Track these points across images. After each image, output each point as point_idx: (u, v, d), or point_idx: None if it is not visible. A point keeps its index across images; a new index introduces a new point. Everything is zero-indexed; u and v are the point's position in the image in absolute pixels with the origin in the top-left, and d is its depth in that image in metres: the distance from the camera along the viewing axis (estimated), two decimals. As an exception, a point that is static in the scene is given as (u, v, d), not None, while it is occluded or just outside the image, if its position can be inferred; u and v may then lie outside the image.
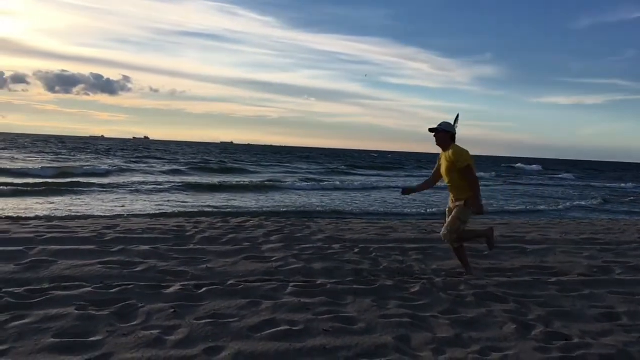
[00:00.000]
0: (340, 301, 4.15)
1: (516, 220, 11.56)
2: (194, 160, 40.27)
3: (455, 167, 5.00)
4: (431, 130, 5.20)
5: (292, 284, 4.53)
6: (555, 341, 3.55)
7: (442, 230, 5.18)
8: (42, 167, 22.98)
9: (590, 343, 3.53)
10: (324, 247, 6.34)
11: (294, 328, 3.48)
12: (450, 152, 5.07)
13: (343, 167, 42.50)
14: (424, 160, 77.67)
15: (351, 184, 23.49)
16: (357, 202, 16.25)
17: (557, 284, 5.05)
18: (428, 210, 14.21)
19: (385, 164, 56.54)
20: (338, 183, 23.51)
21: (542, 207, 17.08)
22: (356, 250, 6.24)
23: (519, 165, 68.77)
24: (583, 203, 19.77)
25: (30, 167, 22.99)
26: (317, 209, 13.59)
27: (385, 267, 5.44)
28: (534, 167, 65.35)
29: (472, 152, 5.08)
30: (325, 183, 23.08)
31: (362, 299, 4.21)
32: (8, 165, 24.37)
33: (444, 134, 5.15)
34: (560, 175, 47.77)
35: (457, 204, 5.09)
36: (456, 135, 5.18)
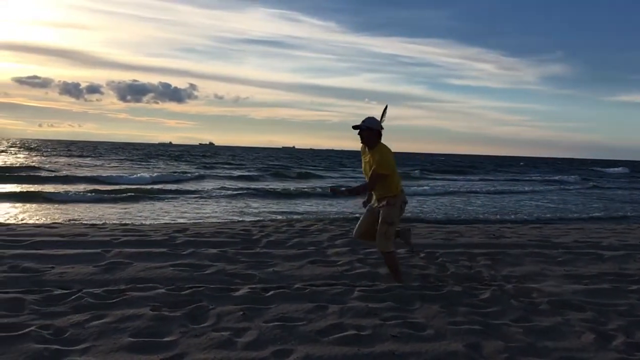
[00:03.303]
0: (407, 306, 4.09)
1: (591, 225, 11.02)
2: (262, 166, 40.96)
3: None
4: (355, 127, 4.70)
5: (358, 289, 4.51)
6: (638, 352, 3.35)
7: (377, 242, 4.73)
8: (124, 175, 24.12)
9: (678, 356, 3.30)
10: (390, 251, 6.27)
11: (361, 333, 3.46)
12: (374, 154, 4.63)
13: (416, 171, 41.64)
14: (495, 164, 75.56)
15: (432, 189, 22.87)
16: (425, 206, 16.01)
17: (639, 292, 4.77)
18: (502, 217, 13.80)
19: (456, 167, 54.62)
20: (416, 188, 22.92)
21: (624, 212, 16.11)
22: (422, 255, 6.15)
23: (598, 168, 65.49)
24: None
25: (109, 175, 24.21)
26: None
27: (452, 273, 5.33)
28: (619, 169, 61.88)
29: (544, 154, 4.85)
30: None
31: (429, 305, 4.13)
32: (89, 172, 25.79)
33: (369, 131, 4.63)
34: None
35: (382, 204, 4.69)
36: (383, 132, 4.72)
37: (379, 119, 4.75)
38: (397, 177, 4.75)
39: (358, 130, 4.68)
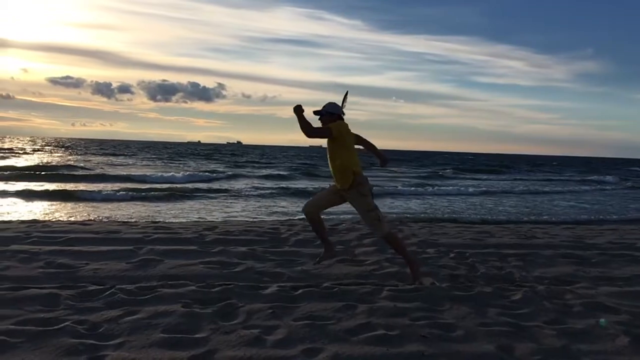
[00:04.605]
0: (436, 307, 4.05)
1: (625, 226, 10.76)
2: (292, 165, 41.07)
3: (331, 145, 4.67)
4: (316, 113, 4.78)
5: (386, 288, 4.49)
6: (676, 358, 3.26)
7: (374, 231, 4.81)
8: (156, 174, 24.49)
9: None
10: (418, 251, 6.23)
11: (390, 333, 3.44)
12: None
13: (448, 170, 41.16)
14: (527, 163, 74.33)
15: (465, 188, 22.54)
16: (456, 205, 15.84)
17: (677, 295, 4.63)
18: (534, 217, 13.57)
19: (488, 166, 53.60)
20: (448, 188, 22.62)
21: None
22: (451, 255, 6.09)
23: (634, 168, 63.71)
24: None
25: (142, 174, 24.64)
26: (417, 214, 13.40)
27: (483, 273, 5.26)
28: None
29: (576, 153, 4.74)
30: (428, 188, 22.12)
31: (459, 305, 4.08)
32: (121, 171, 26.33)
33: (329, 116, 4.74)
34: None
35: (351, 192, 4.69)
36: (344, 117, 4.78)
37: (340, 105, 4.83)
38: (355, 155, 4.78)
39: (319, 116, 4.79)
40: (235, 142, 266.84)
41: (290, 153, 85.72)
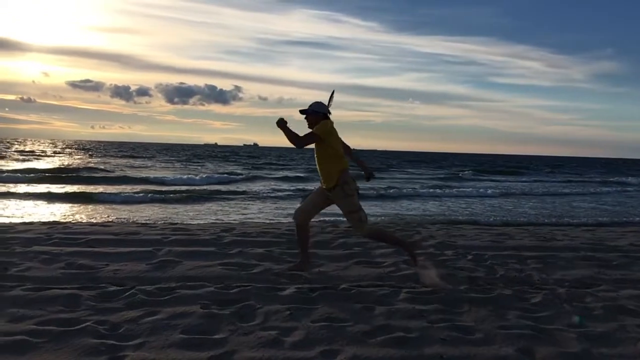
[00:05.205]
0: (455, 309, 4.03)
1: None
2: (309, 166, 41.05)
3: (319, 145, 4.62)
4: (302, 112, 4.74)
5: (404, 290, 4.48)
6: (701, 362, 3.19)
7: (357, 231, 4.76)
8: (175, 177, 24.69)
9: None
10: (436, 253, 6.21)
11: (408, 335, 3.43)
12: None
13: (467, 171, 40.84)
14: (546, 164, 73.46)
15: (484, 190, 22.28)
16: (474, 207, 15.72)
17: (702, 298, 4.54)
18: (554, 219, 13.42)
19: (508, 168, 52.86)
20: (467, 189, 22.46)
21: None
22: (469, 257, 6.05)
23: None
24: None
25: (161, 176, 24.85)
26: (435, 215, 13.32)
27: (502, 276, 5.21)
28: None
29: (597, 154, 4.66)
30: (446, 190, 21.90)
31: (478, 308, 4.06)
32: (140, 174, 26.55)
33: (314, 116, 4.70)
34: None
35: (335, 193, 4.62)
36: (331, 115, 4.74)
37: (326, 104, 4.81)
38: (342, 154, 4.73)
39: (304, 115, 4.77)
40: (252, 143, 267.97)
41: (308, 155, 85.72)
